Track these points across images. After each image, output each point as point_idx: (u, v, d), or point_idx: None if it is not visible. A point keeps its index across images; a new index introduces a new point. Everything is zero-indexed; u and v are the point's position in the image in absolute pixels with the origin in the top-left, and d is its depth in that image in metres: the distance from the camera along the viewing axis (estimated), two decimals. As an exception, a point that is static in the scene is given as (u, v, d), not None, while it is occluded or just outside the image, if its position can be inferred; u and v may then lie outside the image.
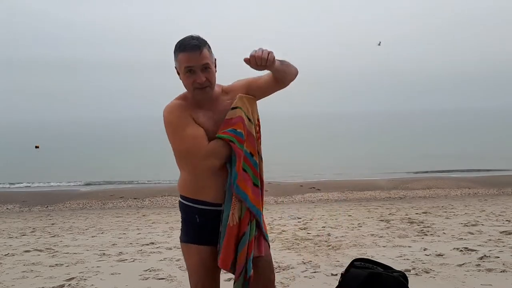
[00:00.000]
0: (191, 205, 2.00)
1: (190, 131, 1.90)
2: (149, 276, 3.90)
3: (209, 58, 1.90)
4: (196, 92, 1.91)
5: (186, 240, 2.04)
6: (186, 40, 1.89)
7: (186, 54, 1.87)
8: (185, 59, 1.87)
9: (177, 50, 1.90)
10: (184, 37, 1.92)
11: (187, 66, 1.87)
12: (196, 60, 1.86)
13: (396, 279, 2.18)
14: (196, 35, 1.92)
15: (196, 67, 1.87)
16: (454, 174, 15.54)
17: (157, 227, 6.91)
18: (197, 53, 1.86)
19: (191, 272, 2.05)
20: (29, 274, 4.06)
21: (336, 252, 4.55)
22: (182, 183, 2.03)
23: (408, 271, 3.67)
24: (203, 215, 1.98)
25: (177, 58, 1.91)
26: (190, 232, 2.02)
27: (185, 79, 1.91)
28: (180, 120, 1.92)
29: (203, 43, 1.89)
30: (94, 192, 13.27)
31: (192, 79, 1.89)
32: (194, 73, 1.88)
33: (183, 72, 1.90)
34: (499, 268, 3.69)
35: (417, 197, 10.68)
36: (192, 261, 2.03)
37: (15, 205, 11.18)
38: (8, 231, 6.86)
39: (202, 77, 1.88)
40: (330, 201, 10.35)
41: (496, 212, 7.04)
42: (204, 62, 1.88)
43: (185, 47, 1.87)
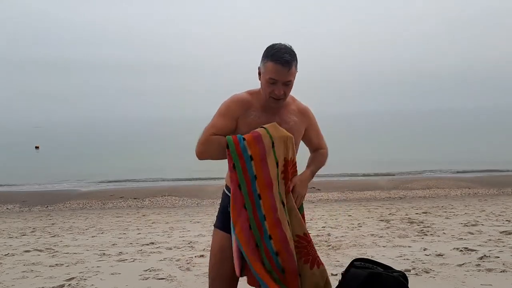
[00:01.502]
0: (226, 192, 2.12)
1: (219, 120, 2.02)
2: (149, 276, 3.90)
3: (294, 74, 1.98)
4: (270, 100, 2.00)
5: (215, 224, 2.17)
6: (281, 52, 1.93)
7: (276, 66, 1.92)
8: (273, 71, 1.93)
9: (268, 57, 1.95)
10: (278, 45, 1.96)
11: (272, 77, 1.94)
12: (284, 76, 1.93)
13: (396, 279, 2.18)
14: (289, 47, 1.96)
15: (280, 81, 1.95)
16: (454, 174, 15.54)
17: (157, 227, 6.91)
18: (286, 69, 1.93)
19: (211, 255, 2.15)
20: (29, 274, 4.05)
21: (336, 252, 4.55)
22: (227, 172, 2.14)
23: (408, 271, 3.67)
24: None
25: (265, 64, 1.96)
26: (220, 218, 2.14)
27: (266, 86, 1.99)
28: (225, 108, 2.05)
29: (294, 59, 1.96)
30: (94, 192, 13.27)
31: (271, 89, 1.97)
32: (275, 85, 1.96)
33: (266, 80, 1.97)
34: (499, 268, 3.69)
35: (417, 197, 10.68)
36: (213, 245, 2.15)
37: (15, 205, 11.18)
38: (8, 231, 6.86)
39: (281, 90, 1.97)
40: (330, 201, 10.36)
41: (496, 212, 7.04)
42: (289, 79, 1.96)
43: (278, 60, 1.92)
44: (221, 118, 2.03)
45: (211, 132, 1.99)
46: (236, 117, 2.03)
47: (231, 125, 2.03)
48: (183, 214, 8.74)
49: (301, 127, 2.15)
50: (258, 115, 2.04)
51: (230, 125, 2.03)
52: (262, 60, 1.98)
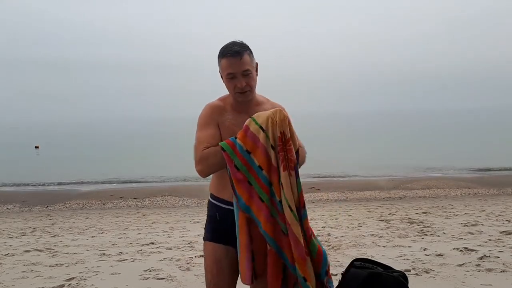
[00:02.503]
0: (214, 202, 2.09)
1: (203, 132, 2.00)
2: (149, 276, 3.90)
3: (250, 64, 1.99)
4: (237, 95, 2.01)
5: (205, 237, 2.11)
6: (228, 47, 1.97)
7: (227, 60, 1.96)
8: (227, 65, 1.96)
9: (219, 56, 2.00)
10: (227, 43, 2.00)
11: (228, 72, 1.96)
12: (237, 66, 1.95)
13: (396, 279, 2.18)
14: (239, 41, 2.00)
15: (237, 73, 1.96)
16: (454, 174, 15.54)
17: (157, 227, 6.91)
18: (237, 59, 1.95)
19: (206, 271, 2.07)
20: (29, 274, 4.06)
21: (336, 252, 4.55)
22: (211, 181, 2.15)
23: (408, 271, 3.67)
24: (222, 214, 2.03)
25: (220, 63, 2.00)
26: (209, 230, 2.09)
27: (227, 84, 2.01)
28: (204, 119, 2.04)
29: (244, 49, 1.98)
30: (94, 192, 13.27)
31: (233, 84, 1.98)
32: (235, 78, 1.97)
33: (225, 77, 1.99)
34: (499, 268, 3.69)
35: (417, 197, 10.68)
36: (207, 259, 2.07)
37: (15, 205, 11.18)
38: (8, 231, 6.86)
39: (242, 82, 1.97)
40: (330, 201, 10.36)
41: (496, 212, 7.04)
42: (245, 68, 1.96)
43: (227, 53, 1.96)
44: (204, 129, 2.01)
45: (202, 147, 1.95)
46: (216, 123, 2.03)
47: (216, 131, 2.01)
48: (183, 214, 8.74)
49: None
50: (234, 118, 2.04)
51: (216, 131, 2.01)
52: (218, 62, 2.02)
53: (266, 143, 1.89)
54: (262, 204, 1.89)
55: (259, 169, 1.90)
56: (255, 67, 2.04)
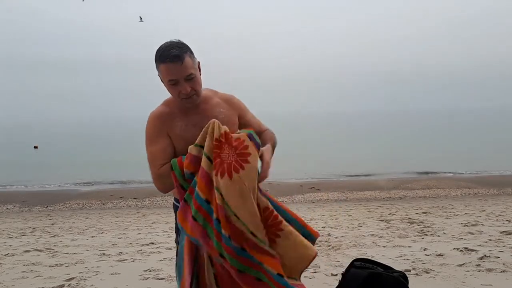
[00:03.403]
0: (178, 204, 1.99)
1: (153, 147, 1.88)
2: (149, 276, 3.90)
3: (192, 66, 1.82)
4: (183, 101, 1.86)
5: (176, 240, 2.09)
6: (166, 50, 1.79)
7: (166, 66, 1.78)
8: (167, 71, 1.79)
9: (157, 60, 1.82)
10: (164, 45, 1.82)
11: (170, 79, 1.81)
12: (179, 72, 1.79)
13: (396, 279, 2.18)
14: (176, 41, 1.83)
15: (180, 78, 1.80)
16: (454, 174, 15.54)
17: (157, 227, 6.91)
18: (178, 64, 1.77)
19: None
20: (29, 274, 4.05)
21: (336, 252, 4.55)
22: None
23: (408, 271, 3.66)
24: None
25: (158, 68, 1.83)
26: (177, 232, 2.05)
27: (170, 90, 1.86)
28: (152, 132, 1.90)
29: (184, 51, 1.80)
30: (94, 192, 13.28)
31: (177, 90, 1.83)
32: (179, 84, 1.81)
33: (167, 83, 1.84)
34: (499, 268, 3.69)
35: (417, 197, 10.68)
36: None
37: (15, 205, 11.18)
38: (8, 231, 6.86)
39: (187, 87, 1.81)
40: (330, 201, 10.35)
41: (496, 212, 7.04)
42: (188, 73, 1.80)
43: (165, 58, 1.78)
44: (155, 143, 1.88)
45: (158, 165, 1.84)
46: (166, 133, 1.89)
47: (167, 143, 1.88)
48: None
49: (233, 116, 1.98)
50: (184, 123, 1.90)
51: (167, 143, 1.88)
52: (156, 66, 1.84)
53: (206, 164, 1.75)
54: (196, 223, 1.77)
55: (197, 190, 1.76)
56: (198, 67, 1.87)
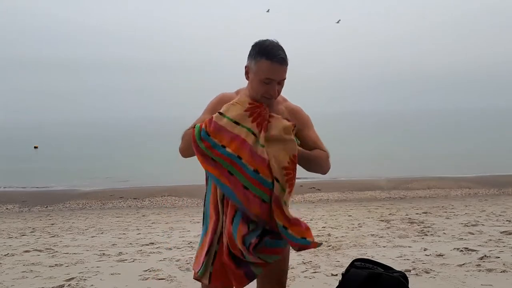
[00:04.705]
0: None
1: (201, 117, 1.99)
2: (149, 276, 3.90)
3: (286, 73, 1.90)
4: (262, 99, 1.89)
5: None
6: (274, 49, 1.83)
7: (272, 65, 1.82)
8: (269, 70, 1.83)
9: (261, 55, 1.83)
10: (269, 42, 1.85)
11: (268, 77, 1.84)
12: (279, 74, 1.85)
13: (396, 279, 2.17)
14: (280, 45, 1.86)
15: (275, 80, 1.85)
16: (454, 174, 15.53)
17: (157, 227, 6.91)
18: (283, 67, 1.84)
19: None
20: (28, 274, 4.05)
21: (336, 252, 4.54)
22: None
23: (409, 271, 3.66)
24: None
25: (258, 62, 1.84)
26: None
27: (259, 87, 1.87)
28: (211, 105, 2.02)
29: (287, 57, 1.86)
30: (94, 192, 13.25)
31: (265, 89, 1.87)
32: (270, 85, 1.86)
33: (261, 80, 1.85)
34: (500, 268, 3.69)
35: (417, 197, 10.67)
36: None
37: (15, 205, 11.17)
38: (8, 231, 6.85)
39: (275, 90, 1.88)
40: (330, 201, 10.34)
41: (496, 212, 7.04)
42: (284, 77, 1.88)
43: (273, 58, 1.81)
44: (205, 114, 1.99)
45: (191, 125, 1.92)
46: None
47: None
48: (183, 214, 8.73)
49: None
50: None
51: None
52: (253, 58, 1.86)
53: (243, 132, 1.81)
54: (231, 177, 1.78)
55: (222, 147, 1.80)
56: None
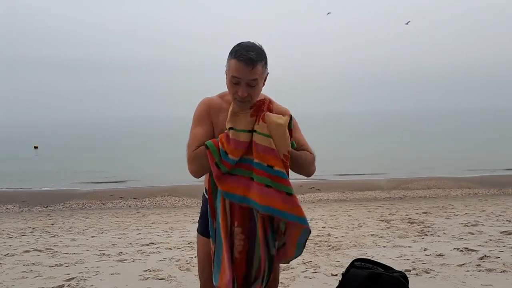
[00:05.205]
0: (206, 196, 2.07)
1: (196, 129, 1.96)
2: (149, 276, 3.89)
3: (260, 74, 1.84)
4: (235, 101, 1.89)
5: (198, 230, 2.15)
6: (245, 49, 1.80)
7: (238, 63, 1.80)
8: (235, 68, 1.81)
9: (231, 54, 1.83)
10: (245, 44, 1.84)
11: (234, 76, 1.82)
12: (246, 74, 1.81)
13: (396, 279, 2.18)
14: (257, 46, 1.84)
15: (243, 80, 1.82)
16: (454, 174, 15.53)
17: (157, 227, 6.91)
18: (249, 67, 1.79)
19: (199, 261, 2.14)
20: (28, 274, 4.05)
21: (336, 253, 4.54)
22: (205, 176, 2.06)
23: (409, 271, 3.66)
24: None
25: (228, 61, 1.85)
26: (201, 223, 2.12)
27: (229, 86, 1.87)
28: (198, 115, 1.98)
29: (260, 59, 1.82)
30: (94, 192, 13.26)
31: (235, 89, 1.85)
32: (239, 85, 1.83)
33: (229, 79, 1.85)
34: (500, 268, 3.69)
35: (417, 197, 10.68)
36: (199, 251, 2.13)
37: (15, 205, 11.17)
38: (8, 231, 6.85)
39: (245, 91, 1.84)
40: (330, 201, 10.35)
41: (496, 212, 7.04)
42: (253, 78, 1.82)
43: (240, 56, 1.79)
44: (198, 127, 1.95)
45: (195, 145, 1.90)
46: (211, 122, 1.96)
47: (210, 131, 1.96)
48: (183, 214, 8.74)
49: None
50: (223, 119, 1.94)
51: (209, 130, 1.96)
52: (227, 58, 1.86)
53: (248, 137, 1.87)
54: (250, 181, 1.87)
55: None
56: (265, 77, 1.90)
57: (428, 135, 38.66)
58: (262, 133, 1.85)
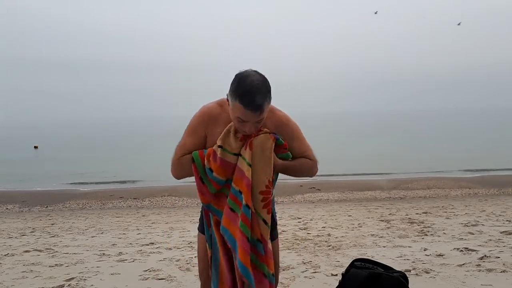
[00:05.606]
0: None
1: (188, 138, 1.99)
2: (149, 276, 3.90)
3: (266, 111, 1.81)
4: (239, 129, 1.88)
5: (199, 228, 2.17)
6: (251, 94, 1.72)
7: (245, 110, 1.74)
8: (242, 113, 1.76)
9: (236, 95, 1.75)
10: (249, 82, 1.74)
11: (240, 118, 1.79)
12: (253, 118, 1.78)
13: (396, 279, 2.18)
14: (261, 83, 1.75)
15: (250, 122, 1.81)
16: (454, 174, 15.53)
17: (157, 227, 6.91)
18: (257, 113, 1.76)
19: (199, 259, 2.15)
20: (28, 274, 4.05)
21: (336, 252, 4.55)
22: None
23: (409, 271, 3.66)
24: None
25: (233, 102, 1.77)
26: (202, 222, 2.13)
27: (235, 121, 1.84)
28: (193, 126, 2.00)
29: (266, 98, 1.77)
30: (94, 192, 13.26)
31: (240, 126, 1.83)
32: (245, 123, 1.81)
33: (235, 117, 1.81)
34: (500, 268, 3.69)
35: (417, 197, 10.68)
36: (199, 248, 2.14)
37: (15, 205, 11.17)
38: (8, 231, 6.85)
39: (252, 128, 1.84)
40: (330, 201, 10.34)
41: (496, 212, 7.04)
42: (260, 118, 1.80)
43: (247, 104, 1.72)
44: (190, 137, 1.99)
45: (181, 153, 1.97)
46: (204, 134, 1.98)
47: (200, 143, 1.99)
48: (183, 214, 8.74)
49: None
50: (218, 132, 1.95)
51: (199, 143, 1.99)
52: (231, 94, 1.79)
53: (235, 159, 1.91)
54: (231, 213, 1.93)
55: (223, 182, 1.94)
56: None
57: (428, 135, 38.64)
58: (245, 160, 1.88)
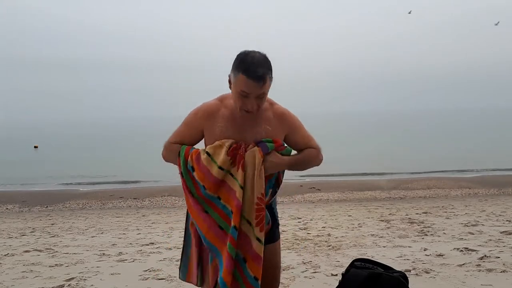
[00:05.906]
0: None
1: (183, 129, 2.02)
2: (149, 276, 3.90)
3: (268, 87, 1.85)
4: (241, 112, 1.89)
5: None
6: (254, 65, 1.78)
7: (248, 81, 1.78)
8: (245, 84, 1.79)
9: (239, 69, 1.80)
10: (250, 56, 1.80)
11: (243, 90, 1.81)
12: (256, 90, 1.80)
13: (396, 279, 2.17)
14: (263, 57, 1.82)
15: (252, 94, 1.82)
16: (454, 174, 15.53)
17: (157, 227, 6.91)
18: (260, 84, 1.79)
19: None
20: (28, 274, 4.05)
21: (336, 252, 4.55)
22: None
23: (409, 271, 3.66)
24: None
25: (236, 75, 1.81)
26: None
27: (237, 99, 1.86)
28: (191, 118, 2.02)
29: (268, 72, 1.82)
30: (94, 192, 13.27)
31: (242, 102, 1.84)
32: (247, 98, 1.83)
33: (237, 92, 1.83)
34: (500, 268, 3.69)
35: (417, 197, 10.67)
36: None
37: (15, 205, 11.17)
38: (8, 231, 6.85)
39: (254, 104, 1.84)
40: (330, 201, 10.34)
41: (496, 212, 7.04)
42: (262, 91, 1.83)
43: (250, 74, 1.77)
44: (186, 128, 2.02)
45: (174, 139, 2.02)
46: (201, 129, 1.98)
47: (194, 136, 2.01)
48: (183, 214, 8.70)
49: (278, 135, 1.98)
50: (225, 128, 1.94)
51: (194, 136, 2.01)
52: (233, 70, 1.83)
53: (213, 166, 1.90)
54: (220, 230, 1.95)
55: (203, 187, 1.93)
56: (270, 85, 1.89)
57: (428, 135, 38.64)
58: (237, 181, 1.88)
